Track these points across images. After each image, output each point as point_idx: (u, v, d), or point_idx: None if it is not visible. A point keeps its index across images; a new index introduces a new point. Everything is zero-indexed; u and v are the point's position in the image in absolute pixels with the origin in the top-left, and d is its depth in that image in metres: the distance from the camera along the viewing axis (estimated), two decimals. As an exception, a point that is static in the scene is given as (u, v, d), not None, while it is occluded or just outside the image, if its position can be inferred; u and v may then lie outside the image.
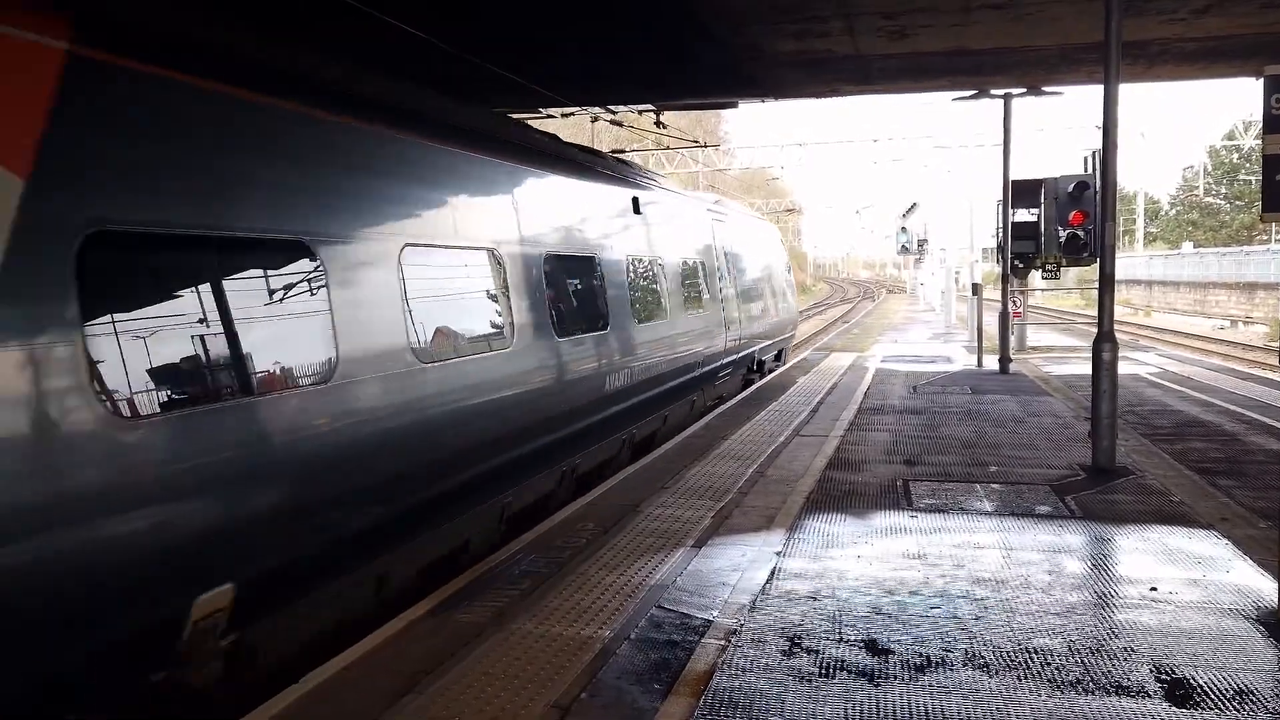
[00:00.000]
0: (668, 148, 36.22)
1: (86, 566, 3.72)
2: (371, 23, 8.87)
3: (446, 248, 6.65)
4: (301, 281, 5.14)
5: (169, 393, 4.19)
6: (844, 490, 8.01)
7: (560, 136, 10.44)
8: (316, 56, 6.04)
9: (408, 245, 6.06)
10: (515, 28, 10.19)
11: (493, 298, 7.25)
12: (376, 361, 5.52)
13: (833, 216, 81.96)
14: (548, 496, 8.11)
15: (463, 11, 9.42)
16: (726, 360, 14.40)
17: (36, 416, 3.62)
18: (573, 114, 16.72)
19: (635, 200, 11.14)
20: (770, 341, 18.09)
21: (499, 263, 7.27)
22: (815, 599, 5.40)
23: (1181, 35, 10.90)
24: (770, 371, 17.91)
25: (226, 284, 4.61)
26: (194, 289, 4.49)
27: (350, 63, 6.40)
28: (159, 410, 4.11)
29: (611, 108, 15.95)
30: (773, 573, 5.87)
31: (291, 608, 5.00)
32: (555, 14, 9.67)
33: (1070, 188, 17.01)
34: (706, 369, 13.24)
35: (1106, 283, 8.61)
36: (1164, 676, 4.32)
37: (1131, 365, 16.60)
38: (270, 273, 5.03)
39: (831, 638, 4.82)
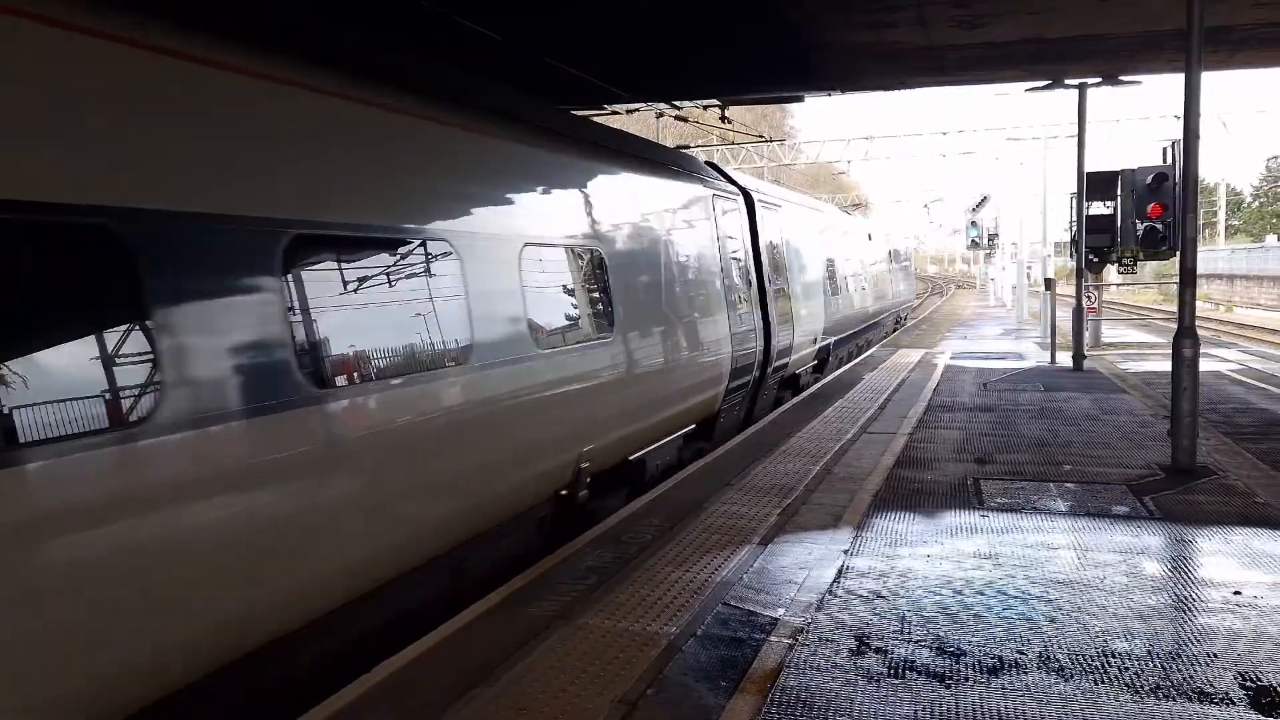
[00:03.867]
0: (733, 143, 36.04)
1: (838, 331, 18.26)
2: (444, 23, 8.98)
3: (846, 262, 20.18)
4: (863, 270, 22.87)
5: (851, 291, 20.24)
6: (913, 489, 7.91)
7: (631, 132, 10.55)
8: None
9: (845, 259, 20.39)
10: (583, 26, 10.24)
11: (867, 277, 23.40)
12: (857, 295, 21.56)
13: (900, 211, 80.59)
14: (851, 352, 20.36)
15: (531, 10, 9.49)
16: (888, 313, 27.89)
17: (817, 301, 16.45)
18: (638, 110, 16.75)
19: (869, 234, 25.95)
20: (904, 307, 33.42)
21: (880, 264, 26.37)
22: (884, 598, 5.34)
23: (1267, 20, 10.51)
24: (904, 324, 32.18)
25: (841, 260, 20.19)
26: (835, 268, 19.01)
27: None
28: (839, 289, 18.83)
29: (677, 103, 15.93)
30: (840, 571, 5.82)
31: (838, 349, 18.15)
32: (624, 10, 9.68)
33: (1148, 179, 16.54)
34: (881, 317, 26.03)
35: (1187, 277, 8.35)
36: (1249, 683, 4.19)
37: (1212, 362, 16.08)
38: (864, 263, 23.25)
39: (901, 638, 4.77)
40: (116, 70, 3.83)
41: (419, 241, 5.51)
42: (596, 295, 7.78)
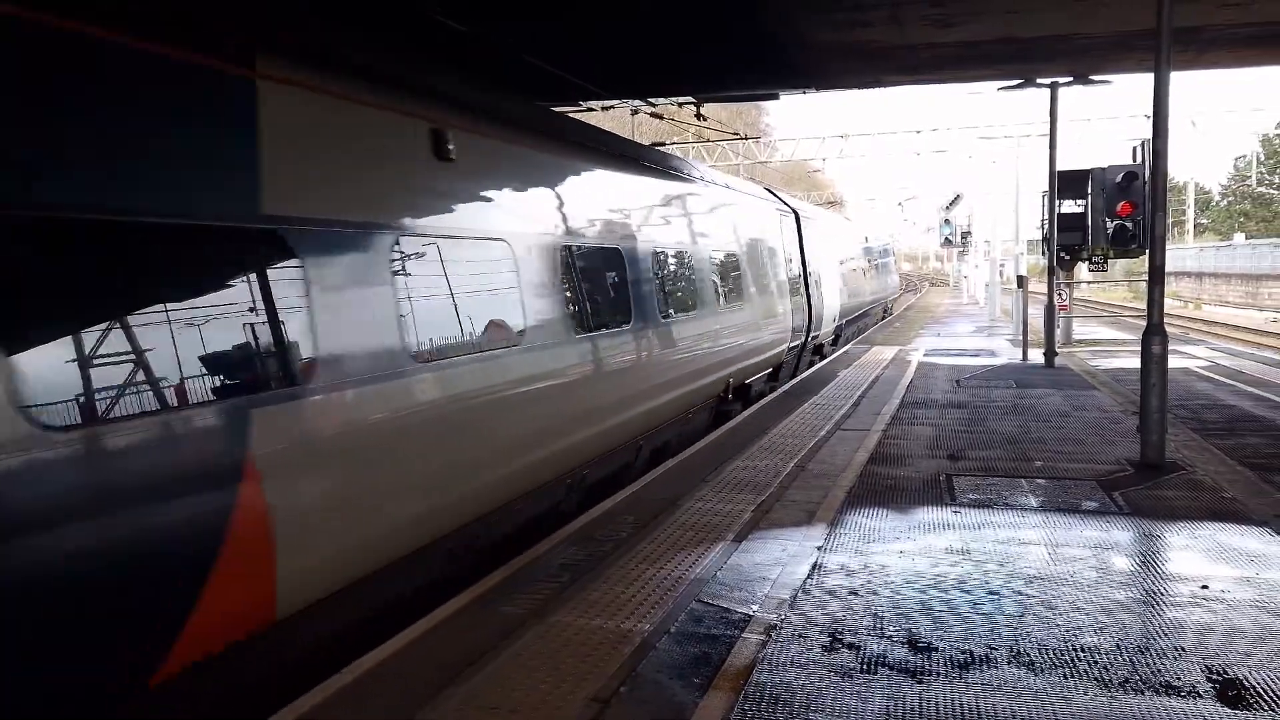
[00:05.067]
0: (708, 140, 36.08)
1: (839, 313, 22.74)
2: (422, 21, 8.92)
3: (850, 260, 26.18)
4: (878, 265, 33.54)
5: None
6: (886, 485, 7.94)
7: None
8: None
9: (850, 257, 26.66)
10: (580, 26, 10.19)
11: (858, 274, 27.92)
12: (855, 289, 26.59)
13: (875, 209, 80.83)
14: (850, 333, 24.82)
15: (528, 11, 9.42)
16: (879, 302, 33.26)
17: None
18: (613, 107, 16.71)
19: (866, 236, 31.66)
20: (890, 298, 38.85)
21: (867, 269, 30.67)
22: (857, 594, 5.36)
23: (1235, 21, 10.62)
24: (890, 312, 37.63)
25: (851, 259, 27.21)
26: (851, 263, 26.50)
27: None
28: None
29: (652, 100, 15.91)
30: (814, 568, 5.84)
31: (845, 329, 23.44)
32: (623, 10, 9.63)
33: (1118, 178, 16.70)
34: (874, 305, 31.46)
35: (1156, 275, 8.44)
36: (1215, 676, 4.23)
37: (1181, 359, 16.26)
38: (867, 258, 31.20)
39: (873, 634, 4.78)
40: None
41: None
42: (737, 278, 13.12)
